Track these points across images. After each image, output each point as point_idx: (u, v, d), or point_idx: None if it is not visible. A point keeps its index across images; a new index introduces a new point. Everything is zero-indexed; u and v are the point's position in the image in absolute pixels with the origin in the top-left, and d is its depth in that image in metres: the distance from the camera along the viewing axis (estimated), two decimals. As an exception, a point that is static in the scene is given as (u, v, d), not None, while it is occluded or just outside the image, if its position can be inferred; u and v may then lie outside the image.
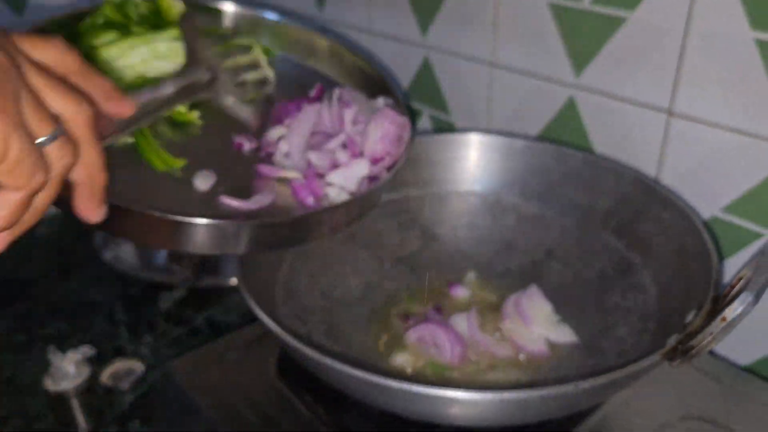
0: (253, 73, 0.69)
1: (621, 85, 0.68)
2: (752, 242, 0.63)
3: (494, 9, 0.77)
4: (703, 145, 0.63)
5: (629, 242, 0.62)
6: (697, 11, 0.60)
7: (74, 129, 0.33)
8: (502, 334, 0.60)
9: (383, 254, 0.68)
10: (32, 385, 0.70)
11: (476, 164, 0.71)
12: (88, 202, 0.37)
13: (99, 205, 0.38)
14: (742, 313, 0.41)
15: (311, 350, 0.44)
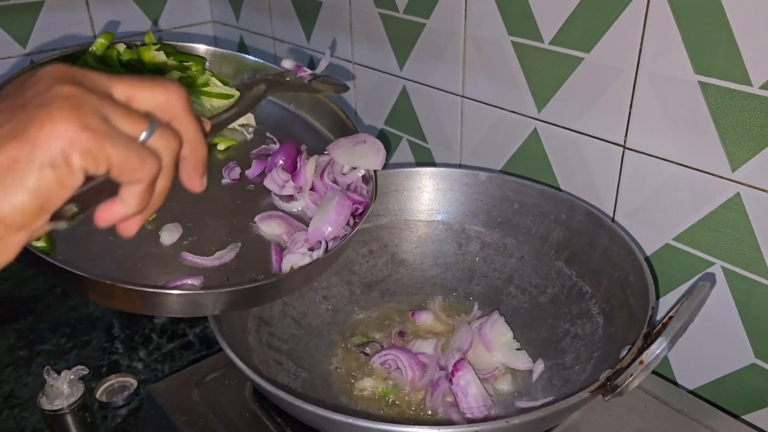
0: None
1: (579, 120, 0.72)
2: (703, 270, 0.66)
3: (462, 45, 0.81)
4: (656, 177, 0.67)
5: (580, 272, 0.66)
6: (646, 55, 0.63)
7: (171, 113, 0.37)
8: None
9: (353, 280, 0.72)
10: (30, 400, 0.75)
11: (443, 195, 0.74)
12: (193, 173, 0.40)
13: (202, 176, 0.41)
14: (657, 357, 0.45)
15: (265, 382, 0.48)
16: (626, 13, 0.63)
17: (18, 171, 0.30)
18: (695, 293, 0.48)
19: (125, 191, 0.35)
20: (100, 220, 0.36)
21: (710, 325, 0.66)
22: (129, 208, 0.36)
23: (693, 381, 0.70)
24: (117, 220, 0.36)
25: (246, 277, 0.55)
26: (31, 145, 0.30)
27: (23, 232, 0.32)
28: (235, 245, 0.58)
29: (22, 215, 0.31)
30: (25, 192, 0.31)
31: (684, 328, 0.46)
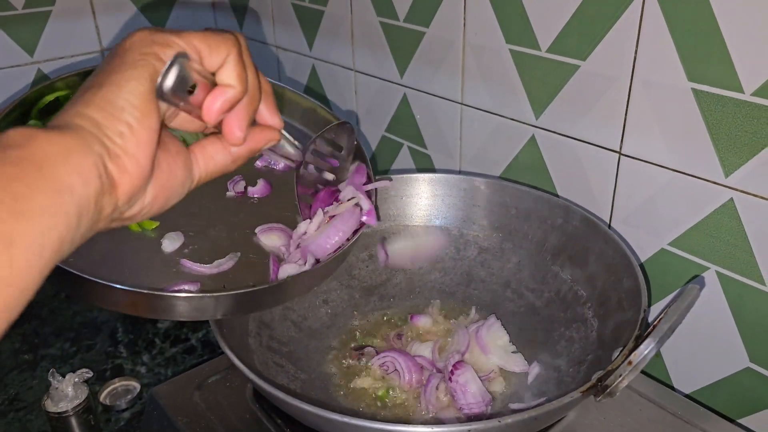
0: None
1: (576, 126, 0.73)
2: (698, 274, 0.67)
3: (461, 53, 0.82)
4: (651, 183, 0.68)
5: (576, 276, 0.66)
6: (640, 63, 0.65)
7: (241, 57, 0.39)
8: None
9: (353, 285, 0.74)
10: (35, 403, 0.77)
11: (441, 201, 0.75)
12: (243, 117, 0.41)
13: (247, 125, 0.42)
14: (645, 357, 0.46)
15: (264, 383, 0.49)
16: (621, 22, 0.65)
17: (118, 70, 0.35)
18: (684, 295, 0.49)
19: (221, 73, 0.38)
20: (209, 110, 0.38)
21: (705, 329, 0.67)
22: (231, 89, 0.38)
23: (689, 385, 0.70)
24: (225, 104, 0.38)
25: (243, 285, 0.56)
26: (120, 56, 0.35)
27: (152, 115, 0.35)
28: (234, 255, 0.59)
29: (140, 99, 0.34)
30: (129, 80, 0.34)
31: (672, 329, 0.46)
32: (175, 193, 0.39)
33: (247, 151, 0.42)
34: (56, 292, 0.98)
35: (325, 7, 1.02)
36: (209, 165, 0.41)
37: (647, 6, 0.62)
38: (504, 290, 0.71)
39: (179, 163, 0.39)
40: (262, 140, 0.43)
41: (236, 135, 0.40)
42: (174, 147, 0.39)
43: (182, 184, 0.39)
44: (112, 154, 0.33)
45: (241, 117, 0.40)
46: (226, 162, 0.42)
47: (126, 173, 0.34)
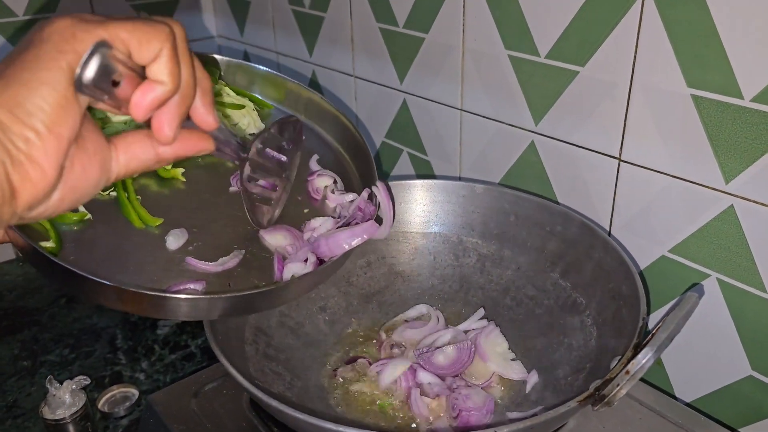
0: (244, 128, 0.74)
1: (575, 133, 0.72)
2: (698, 282, 0.66)
3: (461, 59, 0.82)
4: (651, 189, 0.67)
5: (575, 283, 0.66)
6: (640, 69, 0.64)
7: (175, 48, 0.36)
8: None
9: (351, 291, 0.73)
10: (33, 410, 0.76)
11: (440, 207, 0.75)
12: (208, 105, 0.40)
13: (213, 110, 0.40)
14: (643, 367, 0.45)
15: (259, 392, 0.49)
16: (619, 28, 0.64)
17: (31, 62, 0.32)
18: (682, 304, 0.48)
19: (152, 67, 0.35)
20: (137, 107, 0.35)
21: (706, 337, 0.66)
22: (161, 86, 0.35)
23: (690, 394, 0.70)
24: (154, 102, 0.35)
25: (248, 283, 0.56)
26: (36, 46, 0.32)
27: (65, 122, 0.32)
28: (239, 252, 0.59)
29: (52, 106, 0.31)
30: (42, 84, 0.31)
31: (670, 338, 0.46)
32: (86, 193, 0.36)
33: (174, 155, 0.40)
34: (56, 299, 0.98)
35: (325, 13, 1.02)
36: (131, 163, 0.38)
37: (646, 11, 0.62)
38: (503, 297, 0.71)
39: (95, 163, 0.36)
40: (192, 148, 0.41)
41: (165, 134, 0.37)
42: (93, 145, 0.35)
43: (95, 185, 0.36)
44: (15, 160, 0.30)
45: (171, 115, 0.37)
46: (149, 161, 0.39)
47: (28, 181, 0.31)
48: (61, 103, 0.32)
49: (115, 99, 0.35)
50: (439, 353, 0.63)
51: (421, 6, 0.85)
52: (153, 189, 0.65)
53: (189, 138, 0.40)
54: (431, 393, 0.59)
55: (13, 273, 1.03)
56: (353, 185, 0.70)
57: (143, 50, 0.34)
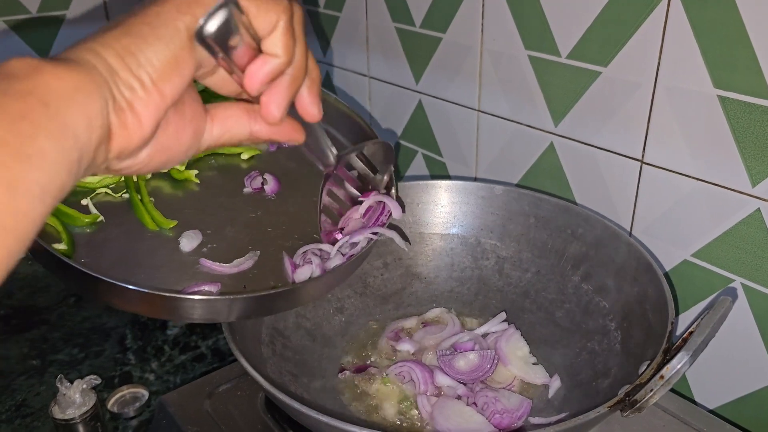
0: None
1: (596, 134, 0.71)
2: (723, 287, 0.65)
3: (479, 60, 0.81)
4: (674, 193, 0.66)
5: (597, 287, 0.65)
6: (664, 69, 0.63)
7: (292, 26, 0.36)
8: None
9: (368, 293, 0.72)
10: (42, 409, 0.75)
11: (458, 208, 0.74)
12: (314, 94, 0.40)
13: (319, 100, 0.40)
14: (678, 371, 0.44)
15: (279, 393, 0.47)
16: (644, 27, 0.63)
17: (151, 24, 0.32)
18: (716, 307, 0.47)
19: (268, 41, 0.35)
20: (252, 77, 0.35)
21: (730, 343, 0.65)
22: (277, 59, 0.35)
23: (712, 400, 0.68)
24: (269, 74, 0.35)
25: (264, 285, 0.55)
26: (158, 5, 0.32)
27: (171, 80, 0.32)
28: (254, 253, 0.58)
29: (162, 62, 0.32)
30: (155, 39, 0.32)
31: (705, 342, 0.45)
32: (175, 157, 0.36)
33: (267, 136, 0.39)
34: (65, 297, 0.97)
35: (340, 12, 1.01)
36: (223, 136, 0.38)
37: (672, 10, 0.61)
38: (523, 300, 0.70)
39: (189, 129, 0.36)
40: (286, 135, 0.40)
41: (273, 113, 0.37)
42: (191, 112, 0.36)
43: (186, 151, 0.36)
44: (117, 104, 0.30)
45: (281, 94, 0.37)
46: (242, 137, 0.39)
47: (124, 129, 0.31)
48: (171, 62, 0.32)
49: (229, 61, 0.35)
50: (461, 358, 0.62)
51: (438, 6, 0.84)
52: (166, 191, 0.64)
53: (285, 125, 0.40)
54: (453, 394, 0.58)
55: (23, 271, 1.02)
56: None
57: (261, 18, 0.35)
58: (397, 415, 0.60)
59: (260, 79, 0.35)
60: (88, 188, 0.60)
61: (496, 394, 0.58)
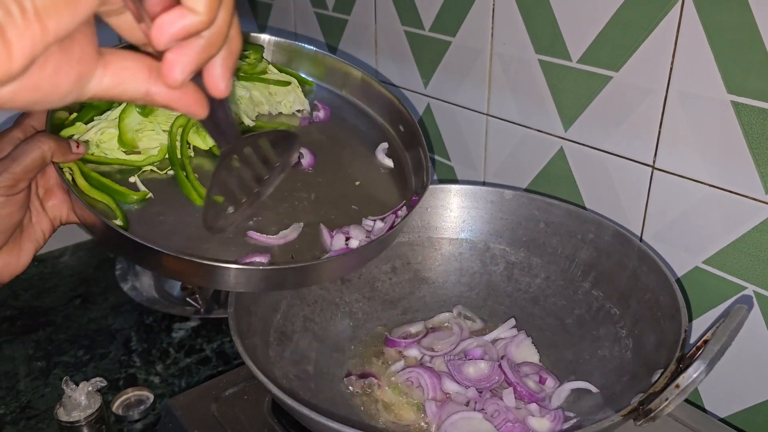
0: (290, 105, 0.74)
1: (607, 139, 0.71)
2: (734, 295, 0.65)
3: (488, 63, 0.81)
4: (686, 199, 0.66)
5: (608, 293, 0.64)
6: (677, 74, 0.63)
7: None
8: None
9: (376, 297, 0.72)
10: (47, 411, 0.75)
11: (467, 213, 0.74)
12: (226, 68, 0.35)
13: (230, 76, 0.35)
14: (694, 381, 0.43)
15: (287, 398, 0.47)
16: (657, 32, 0.63)
17: None
18: (732, 315, 0.47)
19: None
20: (161, 30, 0.30)
21: (742, 350, 0.64)
22: (195, 16, 0.30)
23: (723, 409, 0.68)
24: (180, 32, 0.30)
25: (310, 255, 0.58)
26: None
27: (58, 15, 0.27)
28: (298, 225, 0.59)
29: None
30: None
31: (722, 351, 0.44)
32: (47, 101, 0.30)
33: (163, 102, 0.34)
34: (70, 299, 0.97)
35: (349, 16, 1.01)
36: (114, 88, 0.32)
37: (685, 15, 0.60)
38: (532, 306, 0.69)
39: (73, 72, 0.30)
40: (185, 105, 0.35)
41: (174, 75, 0.32)
42: (80, 51, 0.30)
43: (63, 96, 0.30)
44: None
45: (190, 56, 0.32)
46: (135, 94, 0.33)
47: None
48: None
49: (138, 5, 0.30)
50: (471, 365, 0.61)
51: (448, 9, 0.84)
52: (208, 167, 0.65)
53: (187, 93, 0.35)
54: (462, 401, 0.58)
55: (28, 272, 1.02)
56: (399, 157, 0.71)
57: None
58: (405, 421, 0.59)
59: (170, 34, 0.30)
60: (135, 166, 0.62)
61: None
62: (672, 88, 0.63)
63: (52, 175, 0.57)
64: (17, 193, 0.53)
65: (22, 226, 0.57)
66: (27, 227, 0.58)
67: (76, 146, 0.56)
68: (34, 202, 0.58)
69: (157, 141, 0.63)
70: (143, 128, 0.63)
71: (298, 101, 0.75)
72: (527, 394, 0.58)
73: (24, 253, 0.58)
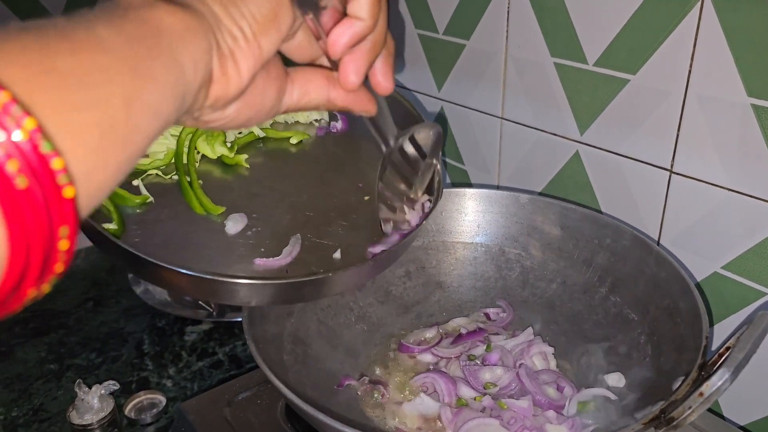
0: (306, 114, 0.74)
1: (624, 143, 0.70)
2: (755, 301, 0.64)
3: (503, 67, 0.80)
4: (705, 203, 0.65)
5: (626, 299, 0.63)
6: (695, 77, 0.62)
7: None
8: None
9: (389, 301, 0.71)
10: (60, 414, 0.75)
11: (483, 217, 0.73)
12: (388, 67, 0.40)
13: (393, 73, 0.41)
14: (719, 389, 0.42)
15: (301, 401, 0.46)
16: (675, 34, 0.62)
17: None
18: (756, 322, 0.46)
19: (353, 4, 0.36)
20: (336, 40, 0.36)
21: (761, 357, 0.63)
22: (361, 23, 0.35)
23: (743, 416, 0.67)
24: (353, 38, 0.36)
25: (306, 269, 0.55)
26: None
27: (270, 34, 0.33)
28: (297, 238, 0.58)
29: (263, 16, 0.33)
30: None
31: (747, 359, 0.43)
32: (259, 115, 0.36)
33: (343, 104, 0.39)
34: (83, 301, 0.97)
35: (361, 19, 1.01)
36: (302, 99, 0.38)
37: (704, 18, 0.60)
38: (548, 312, 0.68)
39: (274, 88, 0.36)
40: (360, 105, 0.40)
41: (351, 79, 0.37)
42: (275, 71, 0.36)
43: (269, 110, 0.37)
44: (220, 50, 0.31)
45: (361, 60, 0.37)
46: (319, 102, 0.39)
47: (224, 76, 0.32)
48: (270, 16, 0.33)
49: (317, 22, 0.36)
50: (487, 371, 0.60)
51: (463, 12, 0.83)
52: (216, 175, 0.65)
53: (360, 94, 0.40)
54: (478, 407, 0.57)
55: (41, 275, 1.02)
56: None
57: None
58: (420, 427, 0.59)
59: (344, 42, 0.36)
60: (139, 169, 0.61)
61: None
62: (691, 91, 0.63)
63: None
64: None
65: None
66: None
67: None
68: None
69: (164, 146, 0.63)
70: None
71: (316, 110, 0.74)
72: (546, 402, 0.58)
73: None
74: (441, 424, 0.58)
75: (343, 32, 0.35)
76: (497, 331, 0.67)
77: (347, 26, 0.35)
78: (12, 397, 0.78)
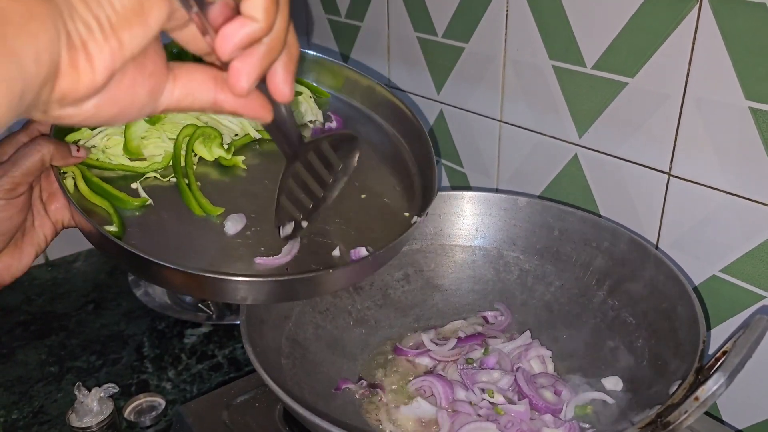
0: (301, 115, 0.74)
1: (622, 146, 0.70)
2: (752, 304, 0.63)
3: (502, 70, 0.80)
4: (703, 206, 0.65)
5: (623, 302, 0.63)
6: (694, 80, 0.62)
7: None
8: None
9: (388, 304, 0.71)
10: (59, 417, 0.75)
11: (481, 220, 0.73)
12: (288, 72, 0.37)
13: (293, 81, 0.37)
14: (714, 393, 0.42)
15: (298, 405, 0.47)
16: (673, 37, 0.62)
17: None
18: (753, 326, 0.46)
19: (247, 2, 0.32)
20: (225, 40, 0.32)
21: (760, 361, 0.63)
22: (255, 24, 0.32)
23: (741, 420, 0.66)
24: (243, 40, 0.32)
25: (305, 267, 0.57)
26: None
27: (132, 29, 0.29)
28: (295, 239, 0.59)
29: (125, 7, 0.28)
30: None
31: (743, 363, 0.43)
32: (126, 114, 0.32)
33: (231, 109, 0.35)
34: (83, 304, 0.97)
35: (361, 22, 1.01)
36: (184, 100, 0.34)
37: (702, 20, 0.60)
38: (546, 314, 0.68)
39: (147, 86, 0.32)
40: (251, 111, 0.36)
41: (241, 83, 0.33)
42: (152, 67, 0.32)
43: (140, 109, 0.32)
44: (71, 41, 0.27)
45: (254, 63, 0.33)
46: (204, 104, 0.35)
47: (74, 70, 0.27)
48: (134, 9, 0.29)
49: (203, 18, 0.32)
50: (485, 374, 0.60)
51: (461, 16, 0.83)
52: (214, 176, 0.65)
53: (253, 99, 0.36)
54: (475, 411, 0.57)
55: (42, 277, 1.02)
56: (409, 169, 0.70)
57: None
58: (417, 430, 0.59)
59: (234, 43, 0.32)
60: (138, 172, 0.62)
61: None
62: (689, 94, 0.63)
63: (55, 179, 0.57)
64: (17, 196, 0.54)
65: (24, 228, 0.57)
66: (29, 230, 0.58)
67: (76, 150, 0.56)
68: (37, 205, 0.58)
69: (162, 149, 0.63)
70: (149, 136, 0.63)
71: (311, 111, 0.74)
72: (543, 406, 0.58)
73: (25, 255, 0.58)
74: (438, 428, 0.58)
75: (233, 33, 0.32)
76: (495, 335, 0.67)
77: (238, 26, 0.32)
78: (12, 399, 0.78)
